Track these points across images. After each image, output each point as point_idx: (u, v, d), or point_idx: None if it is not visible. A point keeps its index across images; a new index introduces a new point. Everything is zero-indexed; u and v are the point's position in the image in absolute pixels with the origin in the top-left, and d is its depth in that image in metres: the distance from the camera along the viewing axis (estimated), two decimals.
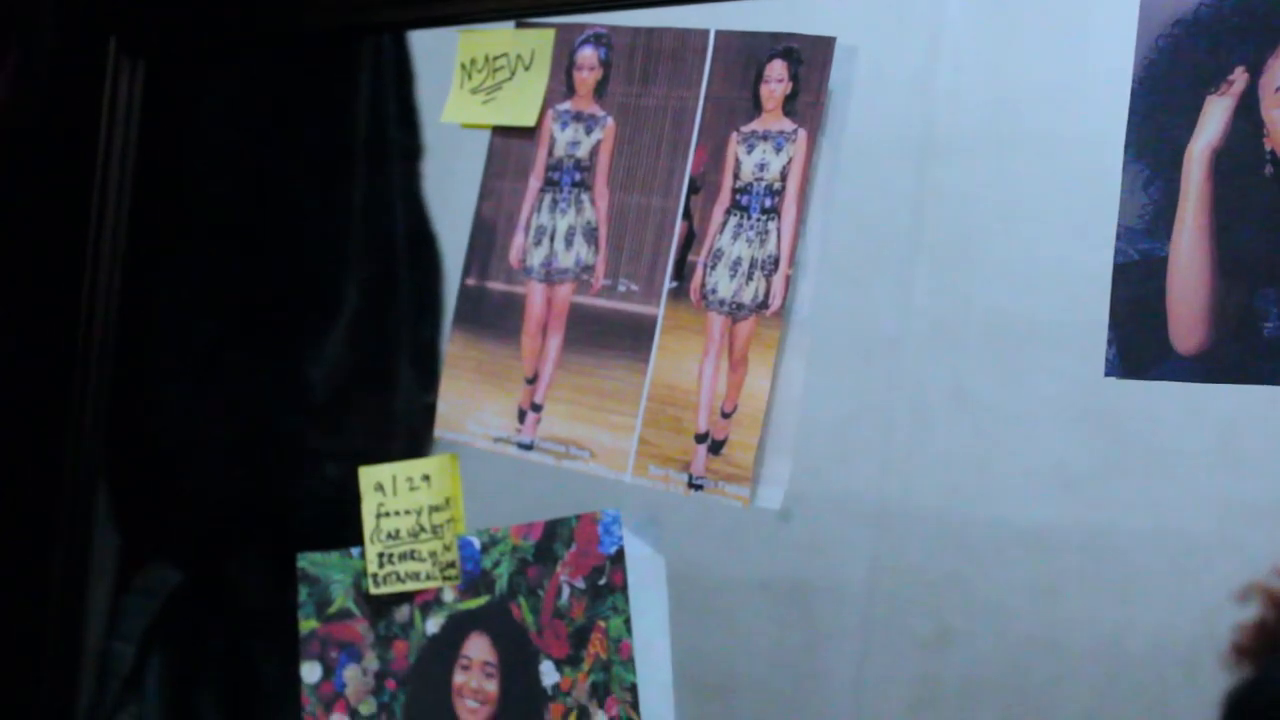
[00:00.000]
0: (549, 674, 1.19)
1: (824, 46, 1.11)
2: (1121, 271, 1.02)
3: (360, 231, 1.58)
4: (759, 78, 1.14)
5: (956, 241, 2.49)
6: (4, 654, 1.58)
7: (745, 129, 1.15)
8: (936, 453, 2.49)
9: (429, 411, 1.28)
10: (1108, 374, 1.04)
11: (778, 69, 1.13)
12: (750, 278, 1.13)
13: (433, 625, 1.24)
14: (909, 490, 2.48)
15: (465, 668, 1.23)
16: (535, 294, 1.24)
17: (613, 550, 1.16)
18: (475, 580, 1.23)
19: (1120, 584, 2.49)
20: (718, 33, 1.17)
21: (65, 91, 1.53)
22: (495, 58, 1.26)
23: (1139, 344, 1.02)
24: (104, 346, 1.58)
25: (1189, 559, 2.44)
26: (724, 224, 1.15)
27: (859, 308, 2.45)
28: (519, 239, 1.25)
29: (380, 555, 1.26)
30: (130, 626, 1.59)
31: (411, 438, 1.55)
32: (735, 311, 1.14)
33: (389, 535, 1.25)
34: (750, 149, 1.14)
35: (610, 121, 1.22)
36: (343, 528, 1.31)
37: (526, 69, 1.25)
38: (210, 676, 1.59)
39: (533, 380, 1.23)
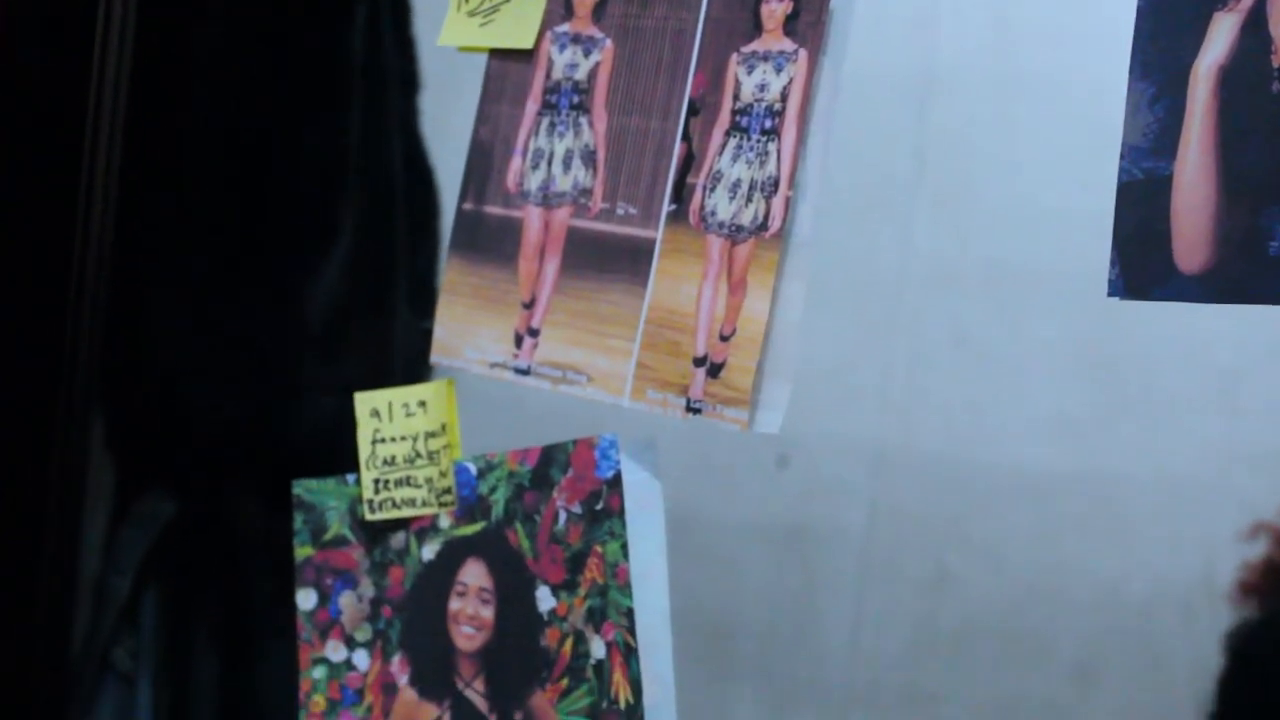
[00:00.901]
0: (545, 599, 1.18)
1: None
2: (1125, 191, 1.01)
3: (357, 161, 1.57)
4: None
5: (957, 183, 2.48)
6: (0, 587, 1.58)
7: (745, 49, 1.13)
8: (935, 397, 2.49)
9: (425, 338, 1.27)
10: (1110, 294, 1.03)
11: None
12: (750, 200, 1.12)
13: (428, 552, 1.24)
14: (907, 434, 2.47)
15: (461, 594, 1.22)
16: (532, 218, 1.22)
17: (610, 475, 1.15)
18: (471, 506, 1.22)
19: (1119, 529, 2.48)
20: None
21: (59, 15, 1.51)
22: None
23: (1142, 264, 1.01)
24: (99, 278, 1.57)
25: (1188, 505, 2.43)
26: (723, 146, 1.14)
27: (857, 250, 2.43)
28: (516, 163, 1.24)
29: (376, 481, 1.25)
30: (126, 558, 1.59)
31: (408, 366, 1.54)
32: (734, 234, 1.13)
33: (385, 461, 1.25)
34: (750, 70, 1.13)
35: (609, 43, 1.20)
36: (339, 457, 1.30)
37: None
38: (206, 608, 1.59)
39: (530, 305, 1.22)
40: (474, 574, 1.22)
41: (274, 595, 1.50)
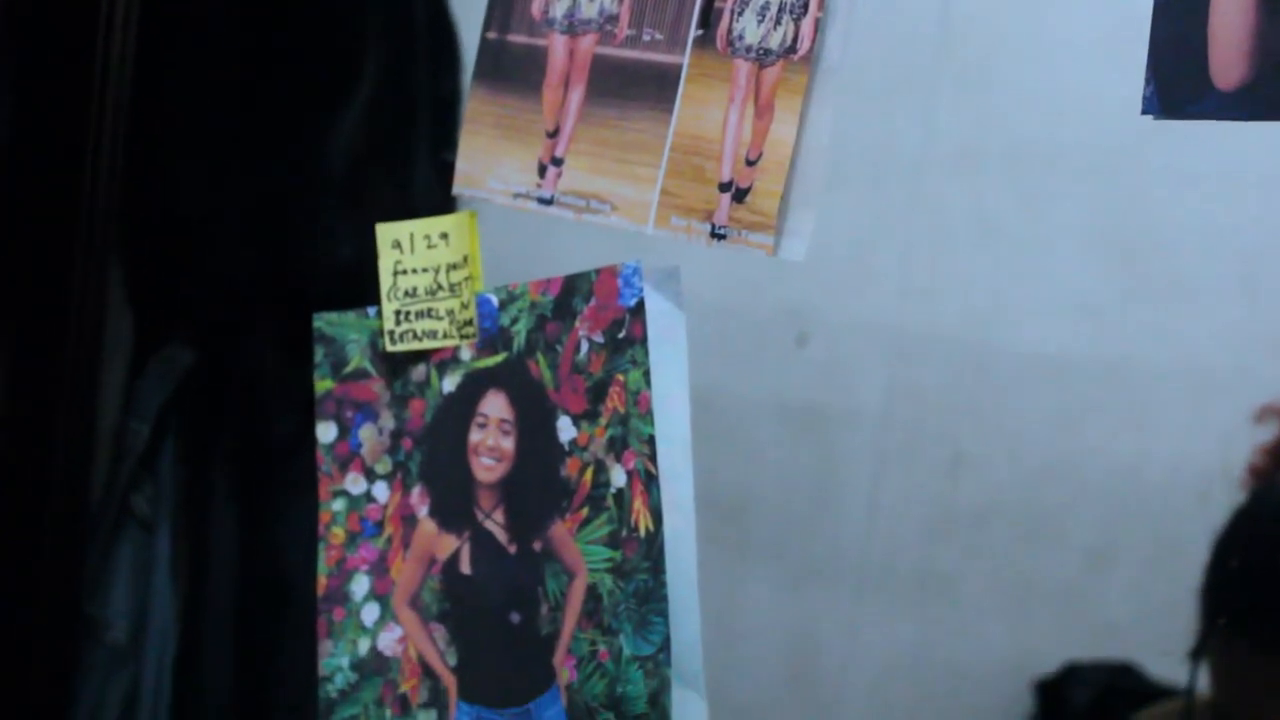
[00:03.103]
0: (566, 429, 1.17)
1: None
2: (1162, 7, 0.99)
3: (379, 6, 1.55)
4: None
5: (981, 65, 2.45)
6: (19, 435, 1.58)
7: None
8: (955, 279, 2.47)
9: (448, 171, 1.26)
10: (1144, 112, 1.01)
11: None
12: (778, 22, 1.11)
13: (449, 384, 1.23)
14: (927, 316, 2.46)
15: (482, 425, 1.22)
16: (557, 46, 1.21)
17: (633, 303, 1.14)
18: (493, 338, 1.21)
19: (1137, 413, 2.48)
20: None
21: None
22: None
23: (1178, 80, 0.99)
24: (117, 124, 1.56)
25: (1206, 390, 2.43)
26: None
27: (880, 130, 2.41)
28: None
29: (397, 313, 1.24)
30: (145, 406, 1.58)
31: (430, 212, 1.53)
32: (762, 57, 1.11)
33: (406, 293, 1.24)
34: None
35: None
36: (359, 303, 1.29)
37: None
38: (225, 454, 1.59)
39: (554, 134, 1.20)
40: (495, 405, 1.21)
41: (293, 441, 1.50)
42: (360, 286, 1.30)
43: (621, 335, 1.15)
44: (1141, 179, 2.45)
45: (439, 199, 1.36)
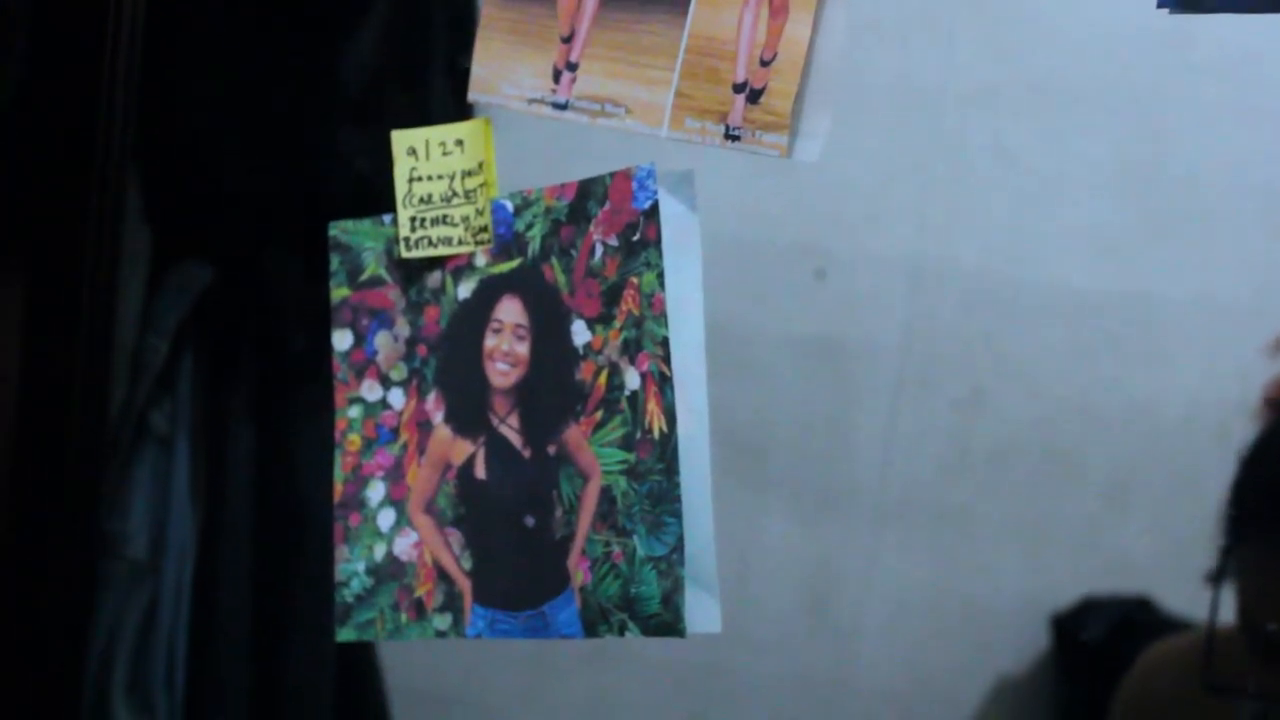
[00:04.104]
0: (580, 333, 1.18)
1: None
2: None
3: None
4: None
5: None
6: (39, 352, 1.58)
7: None
8: (975, 213, 2.47)
9: (463, 78, 1.26)
10: (1160, 6, 1.01)
11: None
12: None
13: (464, 290, 1.23)
14: (945, 250, 2.45)
15: (496, 331, 1.22)
16: None
17: (647, 205, 1.14)
18: (508, 243, 1.22)
19: (1156, 350, 2.47)
20: None
21: None
22: None
23: None
24: (133, 41, 1.56)
25: (1225, 324, 2.42)
26: None
27: (899, 64, 2.41)
28: None
29: (412, 219, 1.24)
30: (163, 323, 1.59)
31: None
32: None
33: (421, 200, 1.24)
34: None
35: None
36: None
37: None
38: (243, 371, 1.59)
39: (568, 39, 1.20)
40: (509, 310, 1.21)
41: (311, 355, 1.51)
42: (377, 199, 1.30)
43: (636, 238, 1.15)
44: (1162, 113, 2.44)
45: (454, 109, 1.36)
